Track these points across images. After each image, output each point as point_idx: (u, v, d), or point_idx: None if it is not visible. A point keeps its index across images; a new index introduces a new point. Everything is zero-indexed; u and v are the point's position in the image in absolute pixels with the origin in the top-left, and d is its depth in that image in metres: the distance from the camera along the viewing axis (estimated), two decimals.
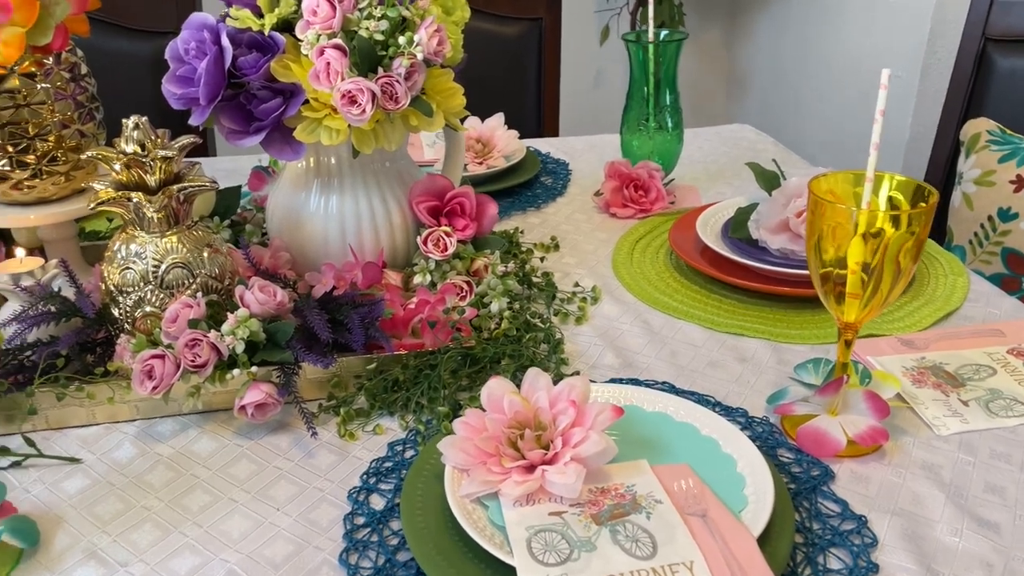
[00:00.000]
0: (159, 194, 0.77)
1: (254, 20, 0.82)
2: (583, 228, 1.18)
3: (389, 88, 0.80)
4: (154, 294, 0.78)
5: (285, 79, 0.83)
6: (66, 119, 0.84)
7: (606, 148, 1.49)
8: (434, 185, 0.93)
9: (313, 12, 0.80)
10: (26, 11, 0.77)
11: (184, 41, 0.83)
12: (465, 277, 0.89)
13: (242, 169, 1.39)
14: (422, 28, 0.81)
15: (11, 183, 0.83)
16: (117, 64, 1.53)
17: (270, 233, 0.96)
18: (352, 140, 0.83)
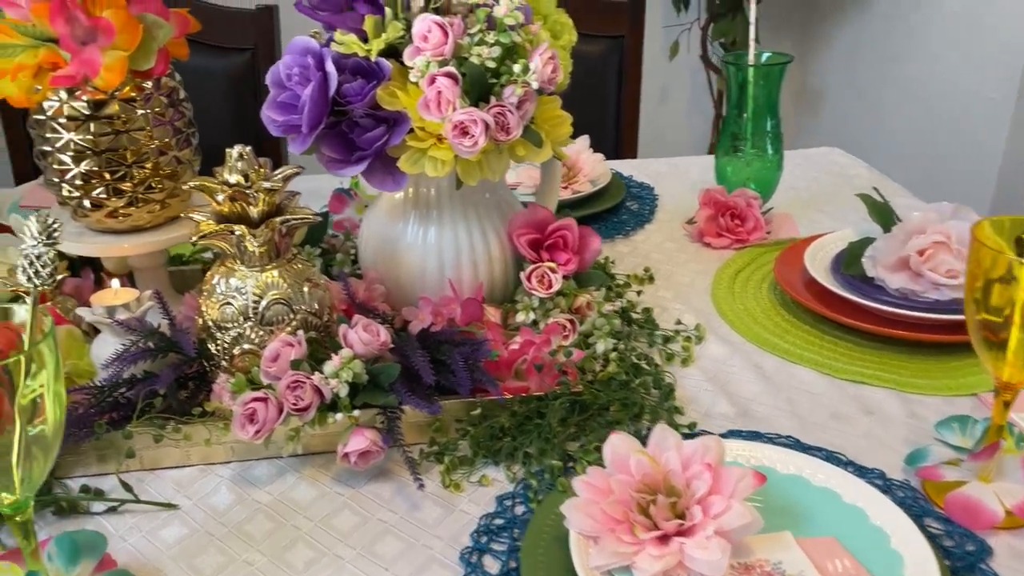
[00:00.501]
0: (262, 227, 0.73)
1: (360, 46, 0.78)
2: (676, 258, 1.13)
3: (501, 118, 0.76)
4: (253, 331, 0.75)
5: (390, 107, 0.79)
6: (164, 145, 0.81)
7: (690, 170, 1.44)
8: (535, 217, 0.89)
9: (424, 38, 0.76)
10: (129, 35, 0.75)
11: (287, 66, 0.80)
12: (568, 315, 0.85)
13: (320, 190, 1.36)
14: (536, 55, 0.77)
15: (106, 211, 0.81)
16: (191, 80, 1.51)
17: (363, 264, 0.92)
18: (457, 171, 0.80)
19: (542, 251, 0.88)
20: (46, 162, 0.80)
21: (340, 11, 0.83)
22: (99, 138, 0.78)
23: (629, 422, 0.75)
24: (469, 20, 0.80)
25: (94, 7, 0.74)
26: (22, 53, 0.74)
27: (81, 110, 0.77)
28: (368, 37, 0.80)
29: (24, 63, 0.74)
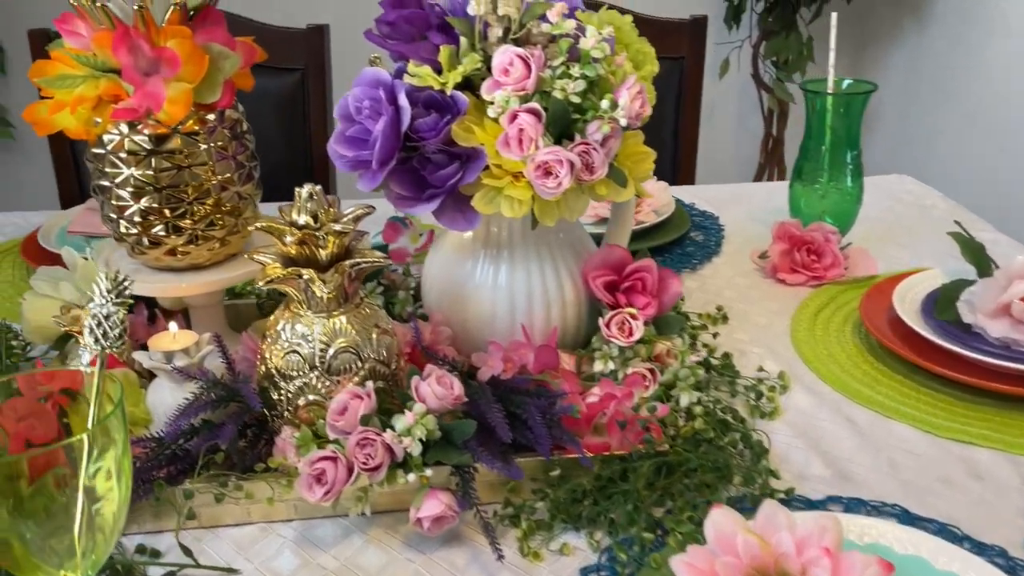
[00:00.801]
0: (331, 272, 0.69)
1: (435, 79, 0.74)
2: (749, 295, 1.07)
3: (586, 157, 0.71)
4: (319, 380, 0.70)
5: (465, 143, 0.74)
6: (226, 181, 0.77)
7: (754, 198, 1.38)
8: (611, 257, 0.84)
9: (505, 71, 0.71)
10: (194, 66, 0.71)
11: (356, 99, 0.76)
12: (648, 364, 0.79)
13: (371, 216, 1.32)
14: (624, 89, 0.72)
15: (165, 249, 0.77)
16: (239, 100, 1.48)
17: (426, 304, 0.88)
18: (534, 211, 0.75)
19: (618, 294, 0.83)
20: (103, 197, 0.76)
21: (412, 40, 0.78)
22: (160, 174, 0.74)
23: (720, 485, 0.70)
24: (549, 50, 0.75)
25: (158, 37, 0.70)
26: (82, 84, 0.71)
27: (143, 144, 0.73)
28: (442, 69, 0.76)
29: (84, 95, 0.70)
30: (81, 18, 0.71)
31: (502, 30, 0.75)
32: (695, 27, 1.49)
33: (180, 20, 0.71)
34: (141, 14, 0.69)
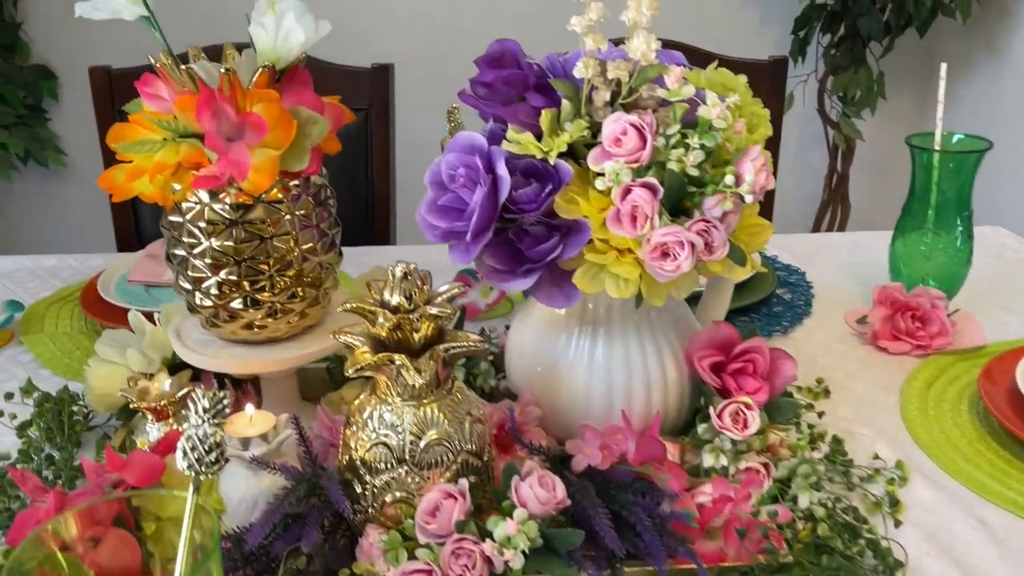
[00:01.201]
0: (425, 357, 0.63)
1: (537, 147, 0.68)
2: (848, 365, 1.00)
3: (706, 236, 0.64)
4: (409, 475, 0.64)
5: (568, 215, 0.68)
6: (308, 251, 0.72)
7: (840, 251, 1.30)
8: (718, 336, 0.77)
9: (616, 141, 0.65)
10: (282, 132, 0.66)
11: (450, 166, 0.71)
12: (762, 457, 0.72)
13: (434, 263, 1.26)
14: (747, 161, 0.65)
15: (242, 323, 0.72)
16: None
17: (511, 378, 0.82)
18: (641, 290, 0.68)
19: (725, 375, 0.76)
20: (178, 267, 0.71)
21: (509, 102, 0.73)
22: (241, 245, 0.69)
23: None
24: (661, 115, 0.69)
25: (244, 100, 0.66)
26: (162, 150, 0.66)
27: (223, 214, 0.68)
28: (543, 133, 0.70)
29: (164, 161, 0.66)
30: (163, 80, 0.66)
31: (610, 94, 0.69)
32: (775, 69, 1.42)
33: (267, 83, 0.66)
34: (228, 78, 0.64)
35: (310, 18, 0.65)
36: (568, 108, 0.70)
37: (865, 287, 1.17)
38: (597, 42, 0.66)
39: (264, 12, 0.64)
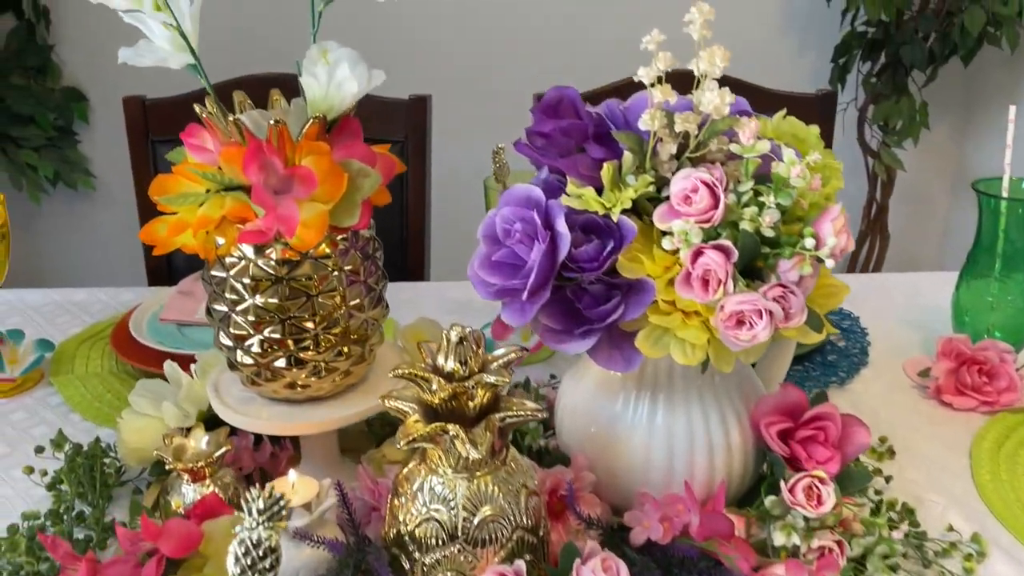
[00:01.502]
0: (481, 428, 0.59)
1: (600, 203, 0.64)
2: (910, 420, 0.95)
3: (783, 302, 0.60)
4: (461, 553, 0.60)
5: (631, 274, 0.64)
6: (354, 307, 0.68)
7: (893, 293, 1.25)
8: (786, 400, 0.72)
9: (685, 199, 0.61)
10: (331, 185, 0.63)
11: (506, 220, 0.67)
12: (836, 535, 0.68)
13: (471, 302, 1.23)
14: (827, 221, 0.61)
15: (284, 382, 0.68)
16: None
17: (562, 439, 0.77)
18: (710, 355, 0.64)
19: (794, 443, 0.72)
20: (219, 323, 0.68)
21: (568, 153, 0.69)
22: (286, 302, 0.65)
23: None
24: (730, 168, 0.65)
25: (293, 153, 0.62)
26: (206, 203, 0.63)
27: (269, 270, 0.65)
28: (604, 186, 0.66)
29: (208, 215, 0.62)
30: (208, 130, 0.63)
31: (676, 146, 0.66)
32: (824, 103, 1.38)
33: (318, 134, 0.62)
34: (277, 130, 0.60)
35: (364, 67, 0.62)
36: (631, 160, 0.66)
37: (923, 333, 1.12)
38: (666, 94, 0.62)
39: (316, 61, 0.61)
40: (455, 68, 2.27)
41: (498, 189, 1.02)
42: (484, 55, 2.26)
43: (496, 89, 2.27)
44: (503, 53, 2.26)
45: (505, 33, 2.25)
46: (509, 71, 2.27)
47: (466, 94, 2.26)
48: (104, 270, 2.47)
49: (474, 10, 2.23)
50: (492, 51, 2.26)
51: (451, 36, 2.24)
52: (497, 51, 2.26)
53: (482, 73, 2.27)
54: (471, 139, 2.37)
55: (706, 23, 0.62)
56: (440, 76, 2.26)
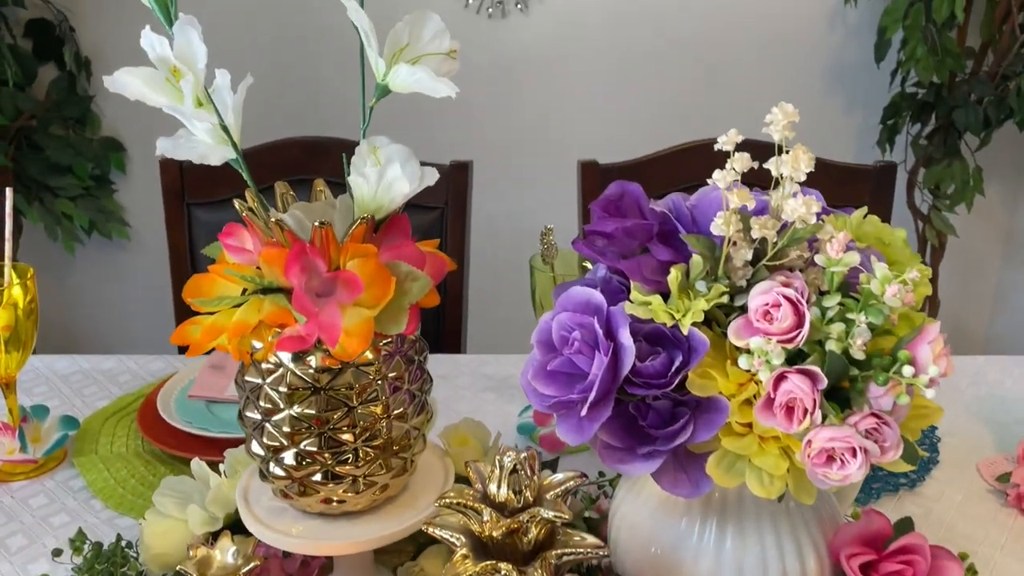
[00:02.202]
0: (536, 567, 0.53)
1: (668, 313, 0.59)
2: (990, 534, 0.87)
3: (877, 435, 0.54)
4: None
5: (701, 392, 0.59)
6: (398, 416, 0.63)
7: (960, 380, 1.17)
8: (868, 529, 0.66)
9: (765, 315, 0.56)
10: (377, 290, 0.58)
11: (563, 327, 0.62)
12: None
13: (508, 378, 1.18)
14: (923, 343, 0.55)
15: (318, 497, 0.63)
16: None
17: (620, 560, 0.71)
18: (789, 486, 0.58)
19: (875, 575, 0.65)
20: (252, 432, 0.63)
21: (631, 254, 0.64)
22: (325, 413, 0.60)
23: None
24: (811, 275, 0.60)
25: (338, 254, 0.58)
26: (243, 306, 0.58)
27: (308, 379, 0.60)
28: (670, 292, 0.61)
29: (245, 321, 0.58)
30: (248, 228, 0.59)
31: (752, 252, 0.60)
32: (882, 176, 1.32)
33: (364, 235, 0.58)
34: (322, 232, 0.56)
35: (415, 165, 0.58)
36: (700, 265, 0.61)
37: (997, 427, 1.04)
38: (742, 199, 0.57)
39: (366, 159, 0.57)
40: (498, 132, 2.24)
41: (545, 271, 0.97)
42: (527, 120, 2.23)
43: (538, 152, 2.24)
44: (546, 118, 2.23)
45: (549, 98, 2.22)
46: (552, 135, 2.24)
47: (507, 158, 2.23)
48: (137, 320, 2.45)
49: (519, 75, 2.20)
50: (535, 115, 2.23)
51: (494, 100, 2.22)
52: (540, 116, 2.23)
53: (525, 137, 2.24)
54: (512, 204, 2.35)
55: (790, 124, 0.56)
56: (482, 140, 2.23)
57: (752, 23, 2.14)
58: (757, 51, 2.17)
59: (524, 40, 2.16)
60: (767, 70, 2.19)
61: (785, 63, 2.18)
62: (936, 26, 1.86)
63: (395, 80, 0.54)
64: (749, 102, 2.27)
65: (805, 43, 2.17)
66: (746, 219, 0.59)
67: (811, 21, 2.15)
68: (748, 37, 2.16)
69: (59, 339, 2.47)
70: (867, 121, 2.24)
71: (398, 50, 0.54)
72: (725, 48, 2.17)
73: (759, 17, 2.14)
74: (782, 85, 2.20)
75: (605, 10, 2.14)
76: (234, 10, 2.14)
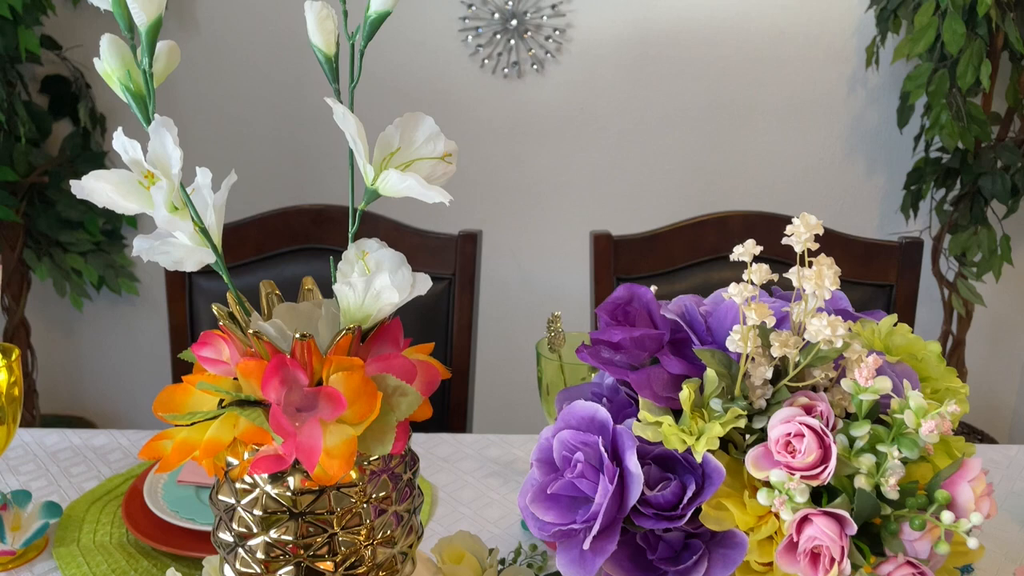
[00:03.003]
0: None
1: (680, 438, 0.53)
2: None
3: None
4: None
5: (716, 527, 0.53)
6: (384, 540, 0.58)
7: (994, 472, 1.11)
8: None
9: (786, 445, 0.50)
10: (363, 406, 0.53)
11: (566, 446, 0.57)
12: None
13: (511, 462, 1.12)
14: (963, 481, 0.49)
15: None
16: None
17: None
18: None
19: None
20: (226, 555, 0.58)
21: (640, 364, 0.59)
22: (303, 540, 0.55)
23: None
24: (835, 397, 0.55)
25: (321, 366, 0.53)
26: (216, 422, 0.54)
27: (284, 503, 0.55)
28: (683, 412, 0.56)
29: (219, 439, 0.53)
30: (225, 338, 0.55)
31: (772, 370, 0.55)
32: (908, 253, 1.27)
33: (350, 347, 0.53)
34: (304, 345, 0.52)
35: (406, 272, 0.54)
36: (715, 382, 0.56)
37: None
38: (762, 315, 0.52)
39: (353, 264, 0.53)
40: (511, 194, 2.21)
41: (552, 359, 0.92)
42: (541, 181, 2.21)
43: (552, 215, 2.21)
44: (560, 179, 2.20)
45: (564, 159, 2.20)
46: (566, 197, 2.21)
47: (521, 220, 2.20)
48: (143, 375, 2.42)
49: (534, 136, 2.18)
50: (549, 177, 2.20)
51: (508, 161, 2.20)
52: (554, 177, 2.20)
53: (539, 199, 2.21)
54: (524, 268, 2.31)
55: (812, 237, 0.52)
56: (495, 201, 2.21)
57: (771, 86, 2.12)
58: (776, 114, 2.14)
59: (540, 101, 2.15)
60: (787, 133, 2.15)
61: (805, 126, 2.15)
62: (961, 92, 1.82)
63: (384, 186, 0.50)
64: (769, 167, 2.23)
65: (825, 106, 2.13)
66: (765, 333, 0.55)
67: (831, 84, 2.12)
68: (767, 100, 2.13)
69: (63, 396, 2.44)
70: (890, 184, 2.19)
71: (389, 154, 0.50)
72: (743, 111, 2.14)
73: (778, 80, 2.11)
74: (802, 148, 2.16)
75: (622, 72, 2.12)
76: (248, 75, 2.14)
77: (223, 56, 2.14)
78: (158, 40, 0.51)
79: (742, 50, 2.09)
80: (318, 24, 0.50)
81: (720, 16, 2.08)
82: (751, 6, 2.07)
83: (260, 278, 1.40)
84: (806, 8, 2.07)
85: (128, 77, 0.50)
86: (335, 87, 0.51)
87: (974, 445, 0.55)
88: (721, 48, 2.10)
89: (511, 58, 2.10)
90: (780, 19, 2.08)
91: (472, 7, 2.07)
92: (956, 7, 1.70)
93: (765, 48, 2.09)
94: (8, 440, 0.91)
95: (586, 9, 2.09)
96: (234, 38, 2.13)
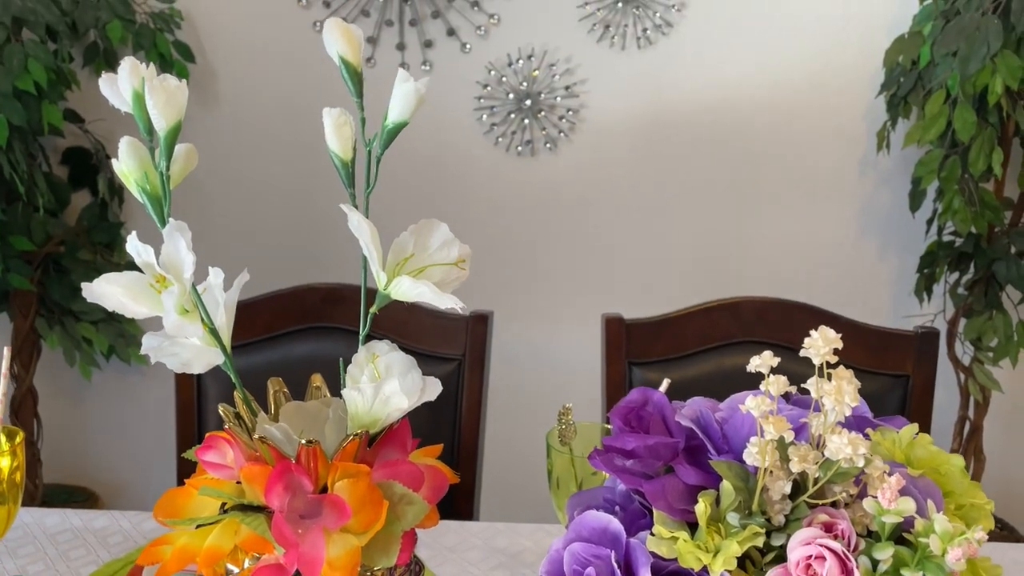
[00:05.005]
0: None
1: (696, 556, 0.52)
2: None
3: None
4: None
5: None
6: None
7: (1013, 571, 1.07)
8: None
9: (807, 568, 0.48)
10: (368, 514, 0.52)
11: (577, 559, 0.55)
12: None
13: (518, 553, 1.09)
14: None
15: None
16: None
17: None
18: None
19: None
20: None
21: (654, 473, 0.58)
22: None
23: None
24: (856, 514, 0.53)
25: (327, 472, 0.52)
26: (217, 528, 0.52)
27: None
28: (699, 527, 0.54)
29: (219, 547, 0.52)
30: (231, 442, 0.54)
31: (790, 484, 0.53)
32: (924, 342, 1.25)
33: (357, 453, 0.52)
34: (310, 450, 0.50)
35: (415, 376, 0.53)
36: (732, 495, 0.54)
37: None
38: (780, 429, 0.51)
39: (363, 368, 0.52)
40: (524, 271, 2.22)
41: (563, 451, 0.90)
42: (553, 259, 2.21)
43: (565, 293, 2.21)
44: (573, 257, 2.21)
45: (577, 237, 2.20)
46: (579, 276, 2.21)
47: (533, 298, 2.20)
48: (149, 446, 2.40)
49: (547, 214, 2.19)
50: (562, 255, 2.21)
51: (521, 239, 2.20)
52: (567, 255, 2.21)
53: (551, 278, 2.21)
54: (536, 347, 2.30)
55: (831, 351, 0.51)
56: (507, 279, 2.21)
57: (782, 168, 2.13)
58: (789, 195, 2.15)
59: (552, 180, 2.17)
60: (799, 215, 2.16)
61: (817, 208, 2.15)
62: (973, 178, 1.82)
63: (397, 291, 0.50)
64: (781, 247, 2.23)
65: (836, 189, 2.14)
66: (783, 447, 0.53)
67: (842, 167, 2.13)
68: (779, 181, 2.14)
69: (68, 466, 2.42)
70: (903, 267, 2.19)
71: (403, 259, 0.50)
72: (754, 192, 2.15)
73: (789, 162, 2.13)
74: (814, 229, 2.17)
75: (633, 153, 2.14)
76: (266, 148, 2.18)
77: (242, 130, 2.17)
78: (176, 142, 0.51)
79: (752, 132, 2.12)
80: (335, 130, 0.50)
81: (731, 98, 2.11)
82: (762, 89, 2.10)
83: (269, 358, 1.40)
84: (817, 92, 2.10)
85: (145, 179, 0.50)
86: (351, 192, 0.51)
87: (1000, 567, 0.53)
88: (732, 130, 2.12)
89: (524, 136, 2.13)
90: (791, 101, 2.11)
91: (488, 87, 2.11)
92: (967, 96, 1.72)
93: (775, 130, 2.12)
94: (9, 523, 0.90)
95: (599, 90, 2.12)
96: (253, 113, 2.17)
